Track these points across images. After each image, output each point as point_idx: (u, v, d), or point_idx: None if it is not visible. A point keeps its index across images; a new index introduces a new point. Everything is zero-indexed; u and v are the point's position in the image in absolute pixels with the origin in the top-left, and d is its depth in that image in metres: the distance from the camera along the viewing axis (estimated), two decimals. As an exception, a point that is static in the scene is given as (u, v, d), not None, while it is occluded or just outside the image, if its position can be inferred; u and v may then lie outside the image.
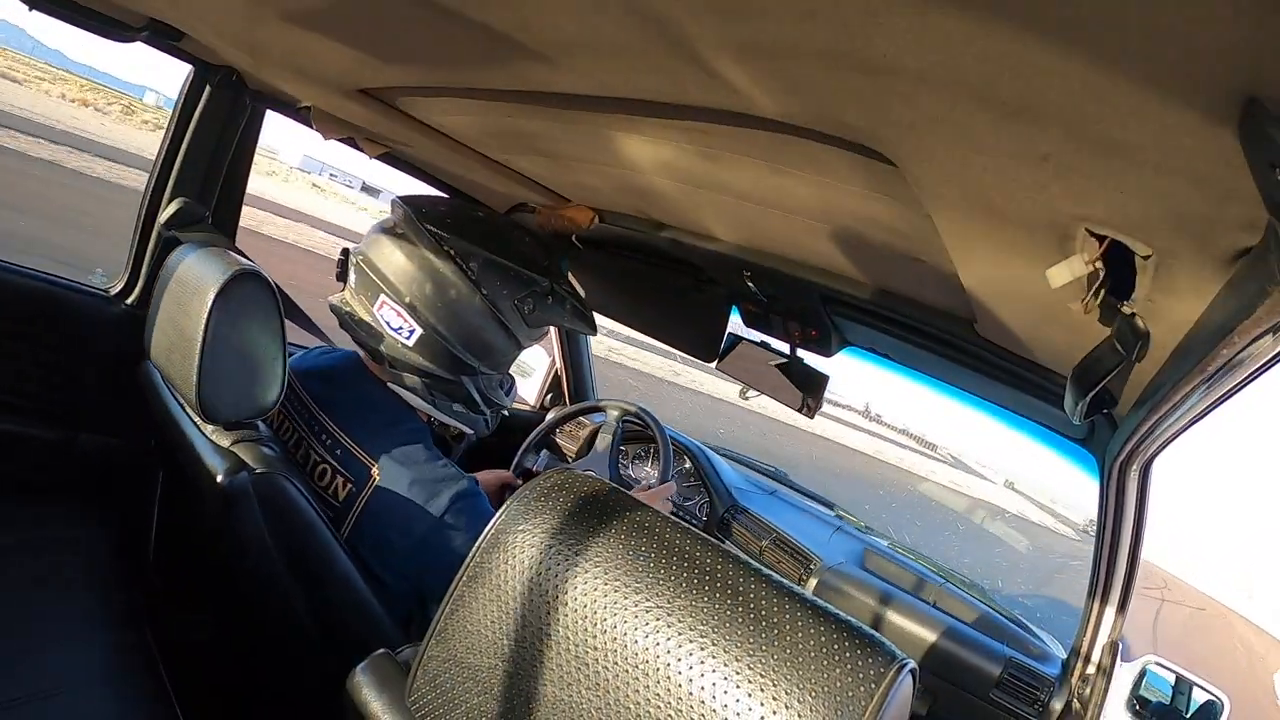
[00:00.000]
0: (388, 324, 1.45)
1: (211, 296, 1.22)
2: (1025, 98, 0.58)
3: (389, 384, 1.53)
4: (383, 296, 1.45)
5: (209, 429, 1.33)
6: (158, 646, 1.47)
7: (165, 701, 1.35)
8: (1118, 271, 0.81)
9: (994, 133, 0.66)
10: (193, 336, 1.23)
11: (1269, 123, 0.45)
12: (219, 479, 1.20)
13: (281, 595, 1.27)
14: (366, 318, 1.46)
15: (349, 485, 1.39)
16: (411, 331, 1.45)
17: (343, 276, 1.54)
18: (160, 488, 1.97)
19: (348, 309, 1.49)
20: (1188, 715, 1.69)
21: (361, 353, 1.56)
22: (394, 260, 1.45)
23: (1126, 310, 0.87)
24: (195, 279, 1.28)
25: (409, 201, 1.50)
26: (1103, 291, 0.83)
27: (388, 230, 1.49)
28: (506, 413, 1.72)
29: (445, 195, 2.23)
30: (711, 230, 1.68)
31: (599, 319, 1.97)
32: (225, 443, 1.29)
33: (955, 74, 0.59)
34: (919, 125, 0.72)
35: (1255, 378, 0.81)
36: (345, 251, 1.54)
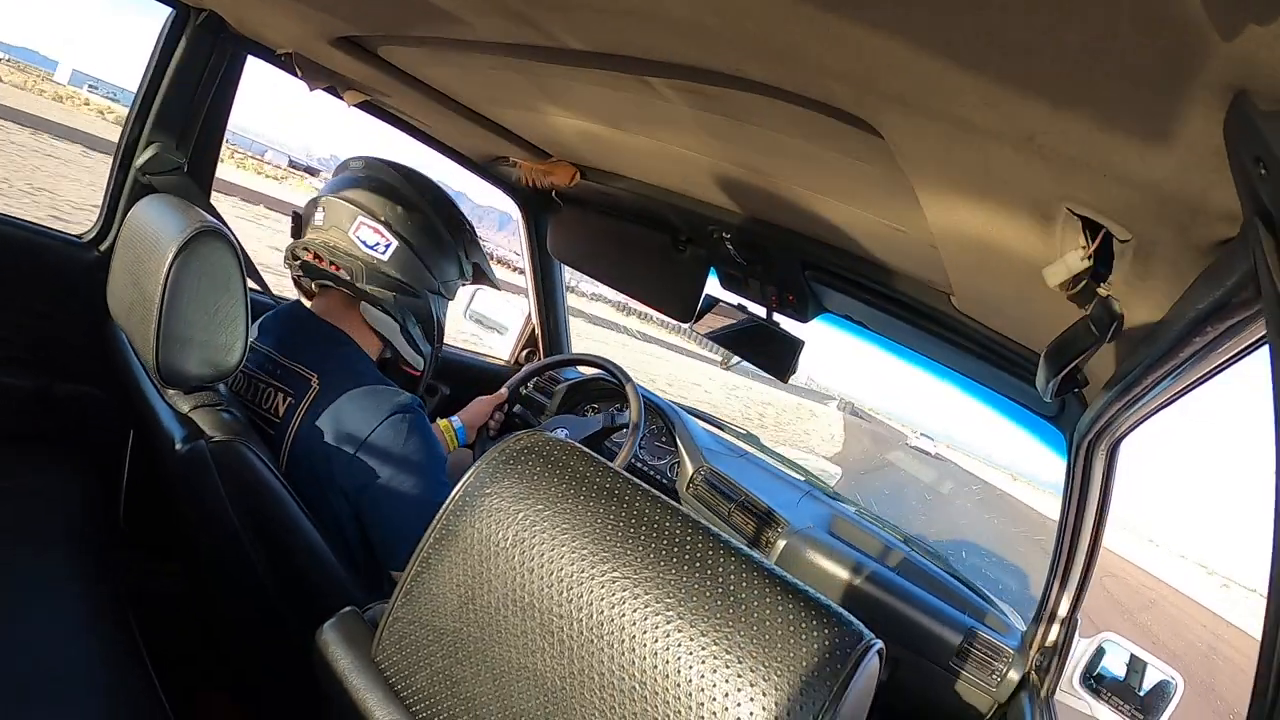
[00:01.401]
0: (364, 242, 1.53)
1: (171, 255, 1.18)
2: (1013, 76, 0.58)
3: (348, 316, 1.58)
4: (360, 218, 1.53)
5: (169, 392, 1.31)
6: (129, 599, 1.46)
7: (135, 654, 1.33)
8: (1098, 254, 0.81)
9: (981, 110, 0.65)
10: (152, 297, 1.19)
11: (1257, 117, 0.45)
12: (177, 447, 1.19)
13: (244, 558, 1.26)
14: (342, 243, 1.53)
15: (288, 399, 1.43)
16: (388, 246, 1.54)
17: (298, 230, 1.62)
18: (131, 441, 1.94)
19: (320, 240, 1.55)
20: (1141, 693, 1.72)
21: (307, 302, 1.64)
22: (366, 188, 1.56)
23: (1103, 292, 0.88)
24: (156, 235, 1.24)
25: (365, 157, 1.63)
26: (1086, 277, 0.83)
27: (350, 176, 1.59)
28: (439, 359, 1.79)
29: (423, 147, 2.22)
30: (694, 192, 1.68)
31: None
32: (185, 408, 1.27)
33: (945, 48, 0.58)
34: (906, 97, 0.71)
35: (1228, 366, 0.82)
36: (296, 210, 1.63)
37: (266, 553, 1.26)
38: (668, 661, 0.56)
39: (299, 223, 1.62)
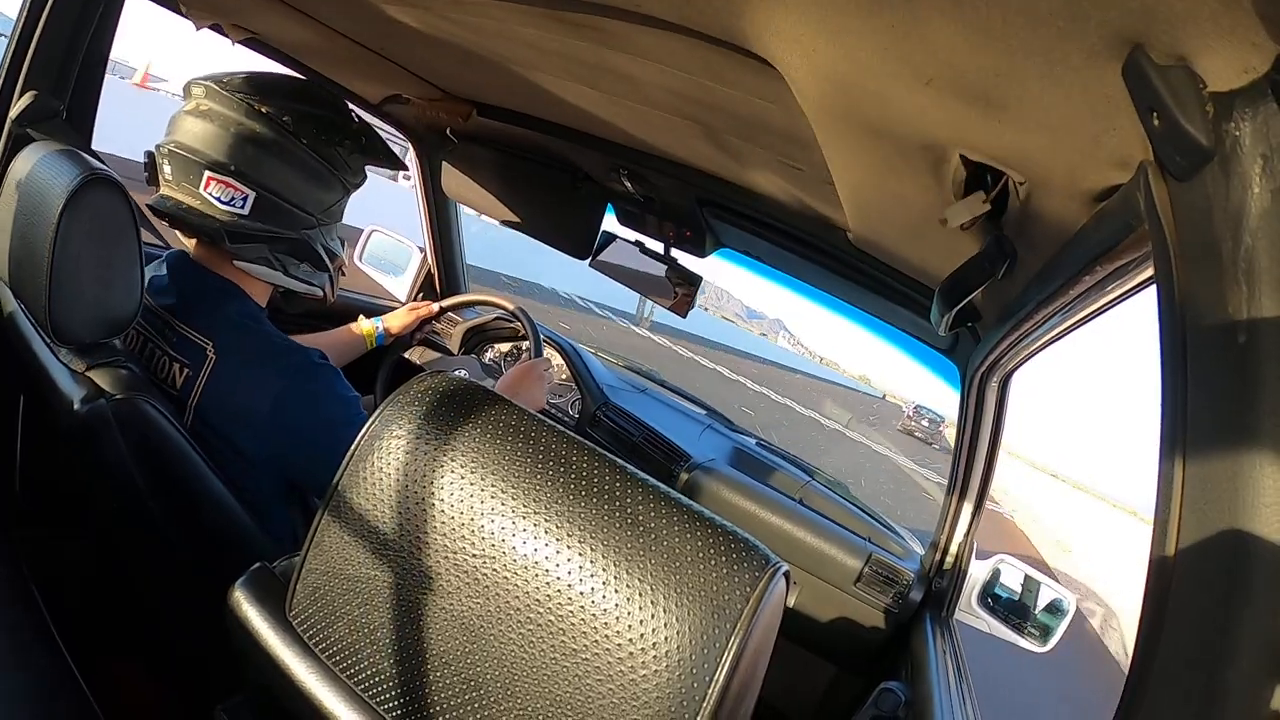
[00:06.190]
0: (218, 200, 1.40)
1: (60, 205, 1.11)
2: (913, 23, 0.59)
3: (231, 264, 1.48)
4: (207, 173, 1.39)
5: (63, 352, 1.24)
6: (31, 573, 1.39)
7: (43, 631, 1.28)
8: (995, 194, 0.82)
9: (881, 54, 0.66)
10: (41, 250, 1.13)
11: (1152, 70, 0.48)
12: (76, 408, 1.13)
13: (150, 520, 1.23)
14: (195, 203, 1.41)
15: (185, 370, 1.36)
16: (245, 199, 1.41)
17: (153, 179, 1.48)
18: (22, 409, 1.83)
19: (172, 201, 1.43)
20: (1036, 611, 1.81)
21: (192, 245, 1.52)
22: (209, 135, 1.40)
23: (997, 230, 0.89)
24: (43, 185, 1.17)
25: (207, 79, 1.45)
26: (983, 218, 0.85)
27: (191, 112, 1.43)
28: (344, 273, 1.70)
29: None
30: (591, 129, 1.66)
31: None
32: (80, 367, 1.21)
33: None
34: (805, 40, 0.72)
35: (1114, 306, 0.85)
36: (149, 153, 1.47)
37: (174, 511, 1.23)
38: (583, 594, 0.57)
39: (153, 170, 1.47)
